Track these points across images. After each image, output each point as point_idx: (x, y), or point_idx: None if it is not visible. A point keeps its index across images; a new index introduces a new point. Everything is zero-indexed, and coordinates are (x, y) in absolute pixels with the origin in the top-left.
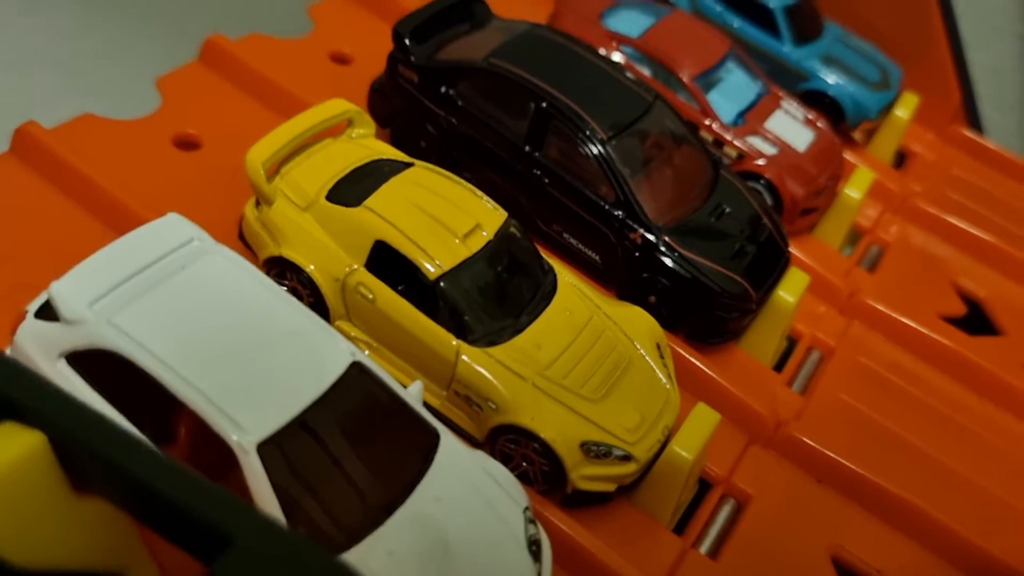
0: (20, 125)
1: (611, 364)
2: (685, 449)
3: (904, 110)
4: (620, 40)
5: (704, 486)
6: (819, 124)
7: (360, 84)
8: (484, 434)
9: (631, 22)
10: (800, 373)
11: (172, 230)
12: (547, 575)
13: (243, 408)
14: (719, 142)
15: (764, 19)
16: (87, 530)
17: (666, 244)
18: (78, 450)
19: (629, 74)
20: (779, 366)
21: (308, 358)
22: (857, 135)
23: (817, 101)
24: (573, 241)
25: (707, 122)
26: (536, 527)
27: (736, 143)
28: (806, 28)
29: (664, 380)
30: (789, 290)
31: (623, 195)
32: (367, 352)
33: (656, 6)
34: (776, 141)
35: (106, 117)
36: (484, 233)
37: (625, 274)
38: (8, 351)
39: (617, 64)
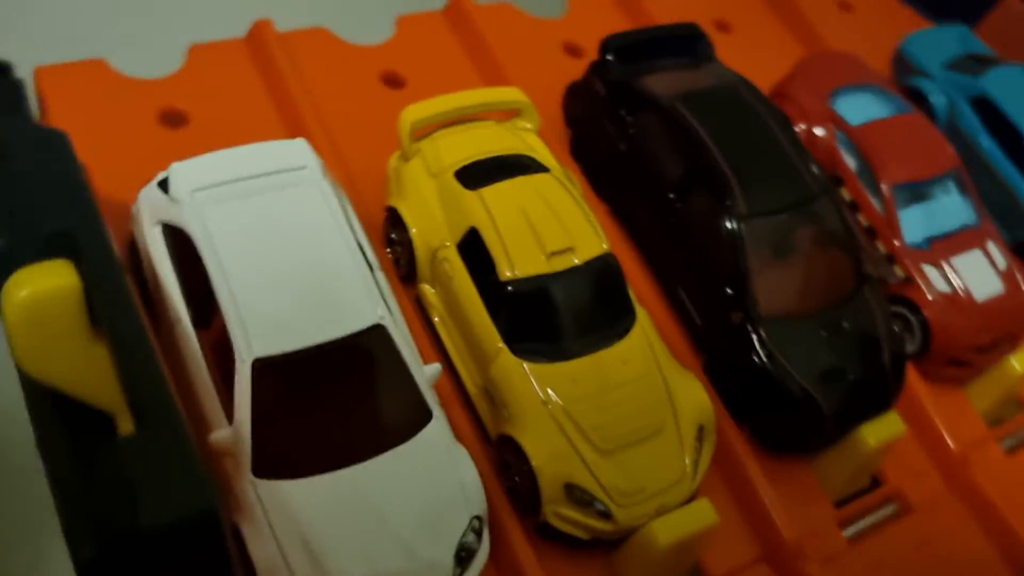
0: (258, 20)
1: (638, 426)
2: (663, 531)
3: None
4: (837, 122)
5: None
6: (1018, 280)
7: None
8: (495, 437)
9: (860, 108)
10: (861, 520)
11: (294, 153)
12: None
13: (259, 324)
14: (892, 258)
15: (1018, 150)
16: (92, 368)
17: (759, 335)
18: (97, 303)
19: (813, 163)
20: (845, 501)
21: (341, 305)
22: None
23: None
24: (683, 295)
25: (888, 234)
26: (478, 538)
27: (909, 266)
28: None
29: (686, 462)
30: (873, 431)
31: (739, 274)
32: (436, 319)
33: (899, 100)
34: (954, 281)
35: (336, 35)
36: (575, 258)
37: (715, 348)
38: (134, 206)
39: (801, 148)
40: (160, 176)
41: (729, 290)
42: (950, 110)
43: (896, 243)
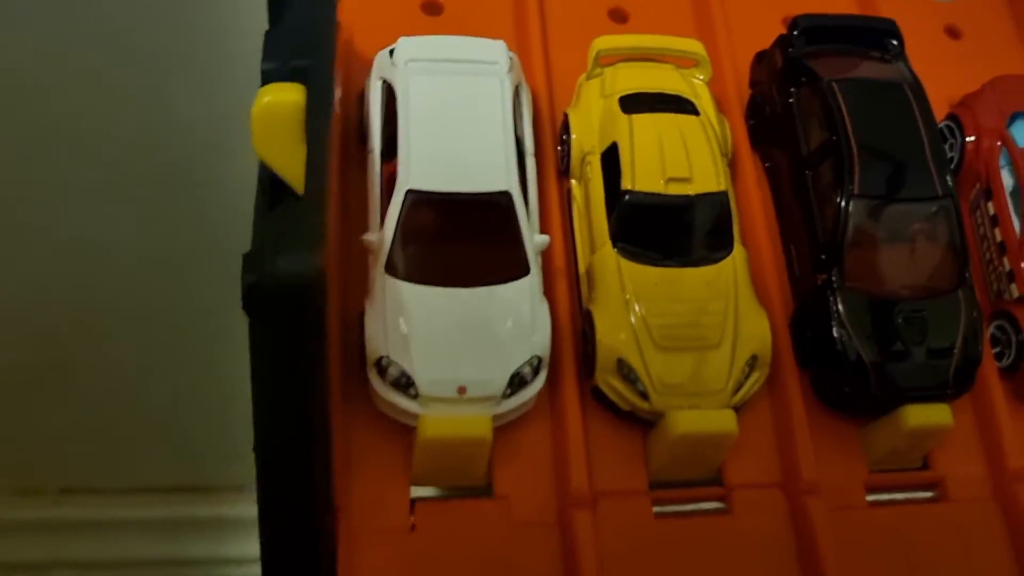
0: None
1: (697, 335)
2: (680, 422)
3: None
4: (1005, 140)
5: None
6: None
7: None
8: (584, 310)
9: None
10: (891, 493)
11: (492, 50)
12: (512, 405)
13: (419, 166)
14: (1012, 275)
15: None
16: (292, 161)
17: (835, 302)
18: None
19: (947, 173)
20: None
21: (483, 170)
22: None
23: None
24: (793, 249)
25: (1017, 254)
26: (533, 373)
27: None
28: None
29: (729, 380)
30: (916, 413)
31: (836, 245)
32: (574, 208)
33: None
34: None
35: None
36: (689, 188)
37: (801, 300)
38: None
39: (941, 156)
40: (391, 46)
41: (823, 256)
42: None
43: (1022, 264)
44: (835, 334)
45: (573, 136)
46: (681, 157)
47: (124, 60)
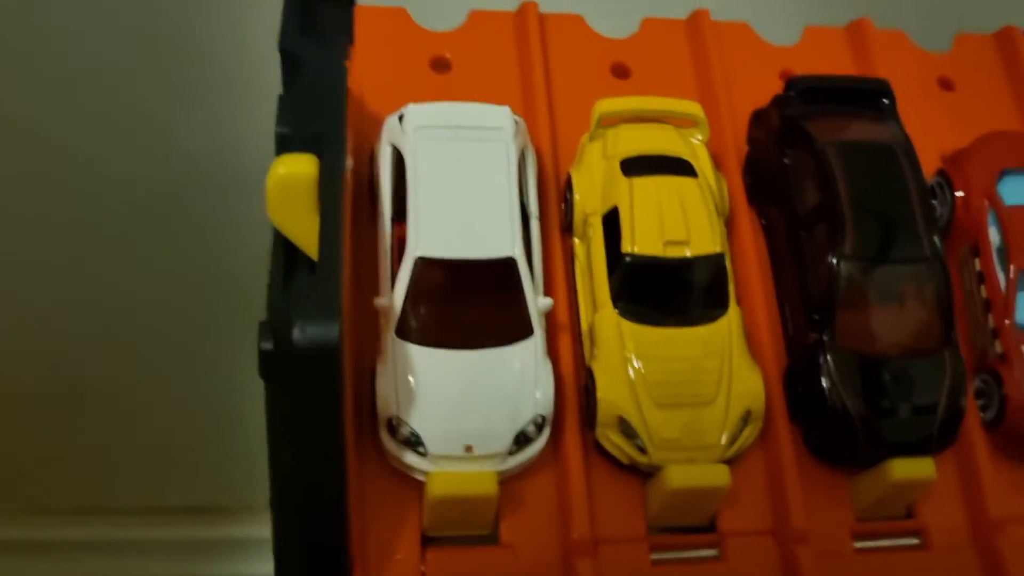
0: (526, 1)
1: (693, 393)
2: (675, 476)
3: None
4: (992, 199)
5: None
6: None
7: None
8: (586, 366)
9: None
10: (878, 540)
11: (498, 116)
12: (518, 462)
13: (427, 233)
14: (996, 332)
15: None
16: (306, 228)
17: (826, 359)
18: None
19: (935, 233)
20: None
21: (492, 236)
22: None
23: None
24: (787, 308)
25: (1001, 311)
26: (538, 431)
27: (1008, 344)
28: None
29: (723, 435)
30: (901, 466)
31: (828, 304)
32: (577, 267)
33: None
34: None
35: (587, 24)
36: (687, 251)
37: (794, 358)
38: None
39: (931, 217)
40: (400, 111)
41: (816, 315)
42: None
43: (1006, 321)
44: (825, 390)
45: (576, 196)
46: (679, 220)
47: (130, 93)
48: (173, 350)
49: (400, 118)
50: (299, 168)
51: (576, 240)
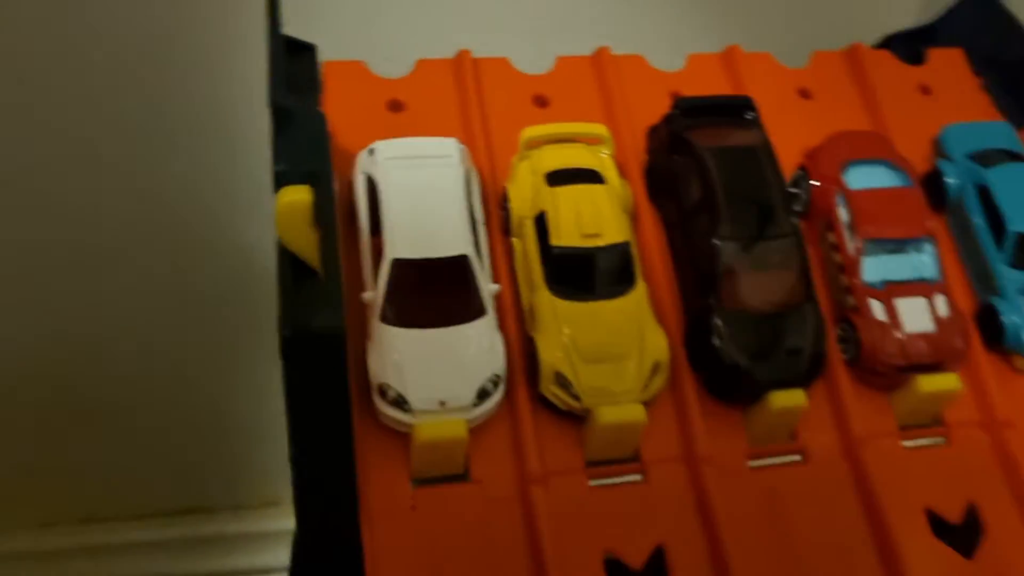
0: (462, 49)
1: (612, 351)
2: (603, 415)
3: None
4: (840, 185)
5: None
6: (954, 330)
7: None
8: (528, 336)
9: (865, 177)
10: (767, 459)
11: (446, 146)
12: (480, 412)
13: (399, 239)
14: (848, 289)
15: (999, 231)
16: (309, 243)
17: (713, 318)
18: (316, 213)
19: (793, 215)
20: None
21: (446, 239)
22: (1019, 363)
23: (988, 317)
24: (681, 279)
25: (851, 272)
26: (494, 387)
27: (859, 298)
28: None
29: (638, 383)
30: (779, 398)
31: (712, 276)
32: (516, 257)
33: (906, 176)
34: (891, 313)
35: (512, 64)
36: (600, 241)
37: (691, 320)
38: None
39: (789, 202)
40: (370, 147)
41: (704, 285)
42: (960, 191)
43: (855, 280)
44: (715, 344)
45: (512, 204)
46: (593, 218)
47: (121, 133)
48: (164, 375)
49: (371, 151)
50: (299, 197)
51: (514, 239)
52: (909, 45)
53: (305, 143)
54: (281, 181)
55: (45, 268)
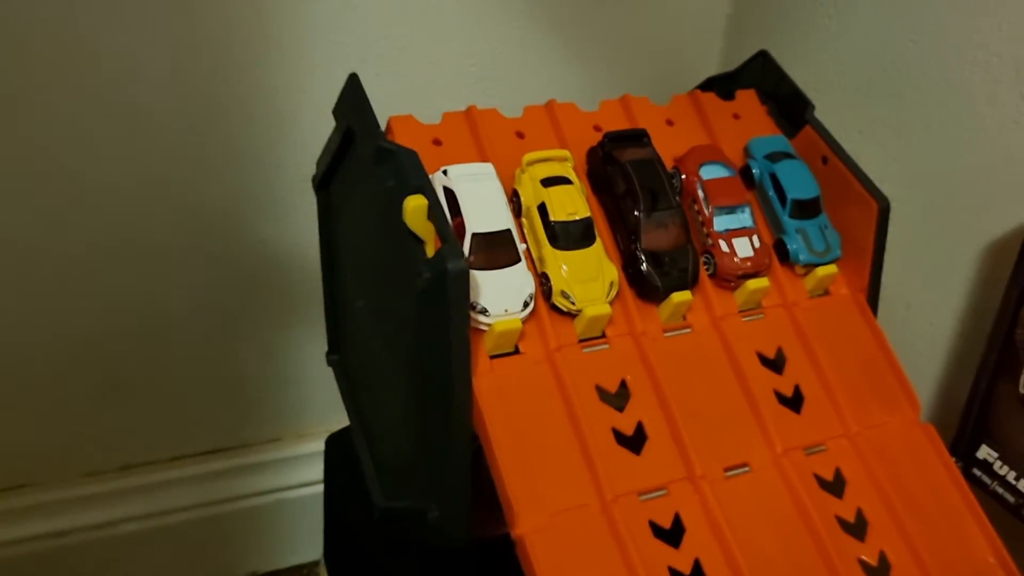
0: (471, 105)
1: (590, 276)
2: (589, 310)
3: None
4: (698, 177)
5: None
6: (763, 254)
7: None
8: (539, 273)
9: (712, 172)
10: (671, 331)
11: (486, 166)
12: (526, 314)
13: (475, 219)
14: (708, 236)
15: (783, 199)
16: (427, 228)
17: (638, 254)
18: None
19: (677, 195)
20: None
21: (499, 218)
22: (798, 270)
23: (780, 246)
24: (619, 239)
25: (708, 226)
26: (532, 301)
27: (714, 240)
28: (802, 213)
29: (602, 292)
30: (676, 296)
31: (636, 232)
32: (527, 230)
33: (732, 170)
34: (731, 248)
35: (500, 113)
36: (576, 216)
37: (625, 258)
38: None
39: (674, 188)
40: (442, 168)
41: (632, 238)
42: (761, 178)
43: (711, 230)
44: (642, 269)
45: (522, 199)
46: (571, 203)
47: (171, 154)
48: (192, 354)
49: (444, 172)
50: (419, 202)
51: (523, 219)
52: (723, 86)
53: (408, 168)
54: (401, 193)
55: (92, 265)
